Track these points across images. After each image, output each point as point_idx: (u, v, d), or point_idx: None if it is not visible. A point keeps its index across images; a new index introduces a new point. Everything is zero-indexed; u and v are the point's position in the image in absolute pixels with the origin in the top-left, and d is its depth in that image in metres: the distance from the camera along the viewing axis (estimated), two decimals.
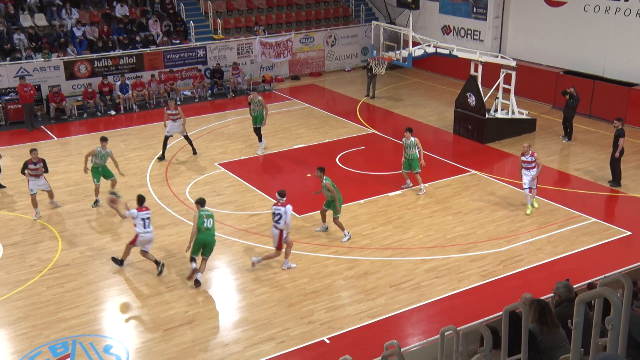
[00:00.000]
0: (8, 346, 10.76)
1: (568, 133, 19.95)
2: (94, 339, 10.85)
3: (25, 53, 23.13)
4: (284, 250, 12.90)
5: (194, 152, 19.10)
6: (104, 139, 15.94)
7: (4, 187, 17.13)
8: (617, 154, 16.28)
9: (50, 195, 15.71)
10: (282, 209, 12.52)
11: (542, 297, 8.32)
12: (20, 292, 12.23)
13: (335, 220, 14.15)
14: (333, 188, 13.95)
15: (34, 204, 15.18)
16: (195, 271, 12.36)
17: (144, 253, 12.86)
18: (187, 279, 12.56)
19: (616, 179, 16.58)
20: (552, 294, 8.86)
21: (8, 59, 22.86)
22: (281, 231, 12.64)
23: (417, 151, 16.05)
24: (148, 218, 12.65)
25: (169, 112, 18.71)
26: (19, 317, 11.45)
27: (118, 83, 23.65)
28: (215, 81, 25.59)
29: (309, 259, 13.38)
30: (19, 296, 12.08)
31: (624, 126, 16.59)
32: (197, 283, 12.34)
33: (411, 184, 16.65)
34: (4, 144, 20.21)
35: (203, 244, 12.34)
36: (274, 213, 12.64)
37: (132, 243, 12.79)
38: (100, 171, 15.88)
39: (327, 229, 14.52)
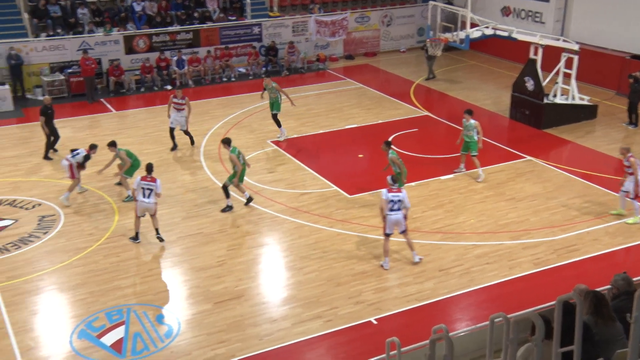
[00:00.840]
0: (68, 310, 11.18)
1: (633, 120, 19.30)
2: (147, 308, 11.17)
3: (87, 27, 23.65)
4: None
5: (192, 143, 18.17)
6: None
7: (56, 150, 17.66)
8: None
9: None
10: (400, 194, 12.10)
11: (598, 289, 8.13)
12: (79, 259, 12.65)
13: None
14: (399, 161, 14.07)
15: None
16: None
17: (138, 219, 13.03)
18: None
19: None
20: (608, 286, 8.66)
21: (72, 32, 23.42)
22: (405, 216, 12.24)
23: (475, 134, 15.78)
24: (149, 189, 12.78)
25: (174, 100, 17.63)
26: (78, 283, 11.86)
27: (175, 58, 23.99)
28: (270, 59, 25.68)
29: (359, 239, 13.40)
30: (78, 263, 12.51)
31: None
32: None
33: (464, 169, 16.43)
34: (65, 116, 20.77)
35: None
36: (392, 200, 12.03)
37: (136, 214, 13.10)
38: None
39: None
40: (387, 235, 12.29)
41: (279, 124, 18.67)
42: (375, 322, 10.83)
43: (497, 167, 16.81)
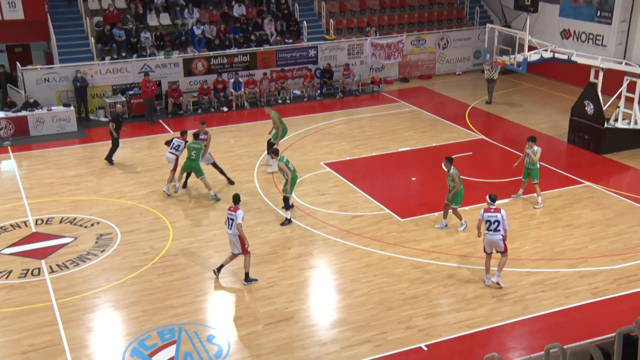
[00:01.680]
0: (121, 328, 11.43)
1: None
2: (198, 327, 11.30)
3: (149, 50, 24.41)
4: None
5: (230, 182, 17.34)
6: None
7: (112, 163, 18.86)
8: None
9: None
10: (498, 214, 11.95)
11: None
12: (133, 277, 12.94)
13: (455, 210, 14.39)
14: (458, 179, 14.17)
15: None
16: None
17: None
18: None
19: None
20: None
21: (135, 55, 24.22)
22: (503, 237, 12.09)
23: (537, 161, 15.49)
24: (232, 219, 12.23)
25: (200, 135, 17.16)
26: (132, 301, 12.12)
27: (232, 80, 24.46)
28: (325, 81, 25.89)
29: (410, 263, 13.26)
30: (133, 281, 12.79)
31: None
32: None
33: (522, 195, 16.11)
34: (125, 136, 21.39)
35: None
36: (488, 220, 11.98)
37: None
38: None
39: (446, 226, 14.61)
40: (487, 254, 12.30)
41: (273, 152, 16.05)
42: (425, 349, 10.67)
43: (554, 192, 16.42)
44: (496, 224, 11.94)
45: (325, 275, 13.18)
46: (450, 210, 14.61)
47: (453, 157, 14.67)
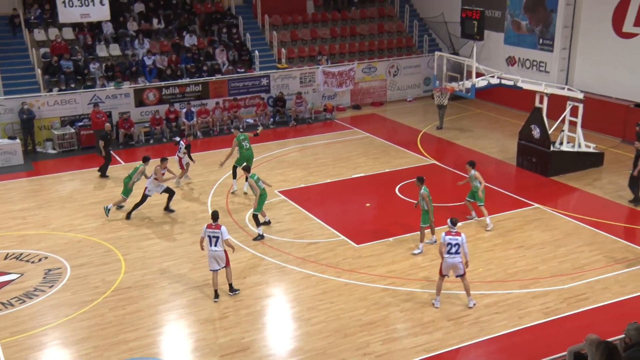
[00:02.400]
0: None
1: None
2: None
3: (99, 81, 24.13)
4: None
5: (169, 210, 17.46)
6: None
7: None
8: (635, 173, 16.90)
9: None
10: (459, 238, 12.10)
11: (610, 339, 7.99)
12: (84, 312, 12.59)
13: (421, 230, 14.75)
14: (428, 199, 14.43)
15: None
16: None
17: (214, 273, 12.83)
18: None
19: (636, 199, 17.15)
20: (620, 336, 8.50)
21: (83, 87, 23.89)
22: (466, 260, 12.30)
23: (478, 184, 15.86)
24: (216, 237, 12.59)
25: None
26: (82, 337, 11.78)
27: (184, 110, 24.33)
28: (278, 109, 26.00)
29: (366, 289, 13.28)
30: (83, 317, 12.44)
31: None
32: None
33: (475, 217, 16.41)
34: (75, 168, 21.02)
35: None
36: (449, 243, 12.07)
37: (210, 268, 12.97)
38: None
39: (422, 251, 14.74)
40: (442, 276, 12.42)
41: (245, 170, 16.60)
42: None
43: (505, 214, 16.75)
44: (456, 247, 12.10)
45: (281, 304, 13.08)
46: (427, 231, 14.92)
47: (403, 183, 14.84)
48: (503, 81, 20.18)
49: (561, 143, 19.91)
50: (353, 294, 13.11)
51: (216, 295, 12.93)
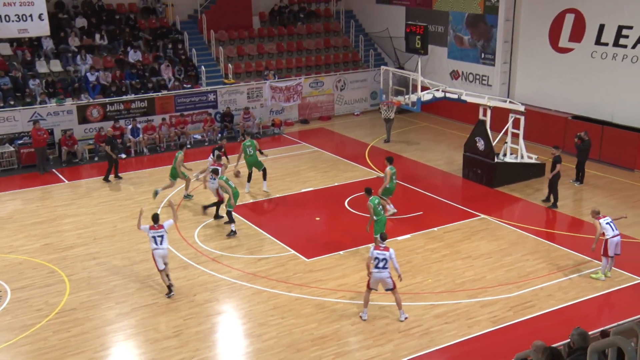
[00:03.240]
0: None
1: (580, 177, 19.97)
2: None
3: (39, 98, 23.54)
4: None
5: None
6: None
7: None
8: (550, 175, 18.10)
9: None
10: (387, 253, 12.21)
11: (555, 345, 8.22)
12: (26, 337, 12.18)
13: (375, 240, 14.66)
14: (373, 211, 14.72)
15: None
16: None
17: (161, 272, 13.51)
18: None
19: (551, 199, 18.23)
20: (564, 342, 8.76)
21: (22, 104, 23.25)
22: (394, 275, 12.43)
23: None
24: (161, 236, 13.30)
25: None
26: None
27: (130, 127, 23.96)
28: (226, 125, 25.88)
29: (317, 303, 13.30)
30: (25, 341, 12.04)
31: (561, 154, 18.19)
32: None
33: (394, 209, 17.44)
34: (15, 188, 20.42)
35: None
36: (377, 258, 12.18)
37: (157, 267, 13.54)
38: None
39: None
40: (369, 289, 12.50)
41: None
42: None
43: (452, 225, 17.06)
44: (384, 262, 12.17)
45: (232, 321, 12.97)
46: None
47: (352, 197, 15.00)
48: (448, 94, 20.64)
49: (505, 154, 20.45)
50: (304, 308, 13.10)
51: (170, 291, 13.54)
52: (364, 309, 12.64)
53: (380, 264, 12.18)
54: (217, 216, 17.64)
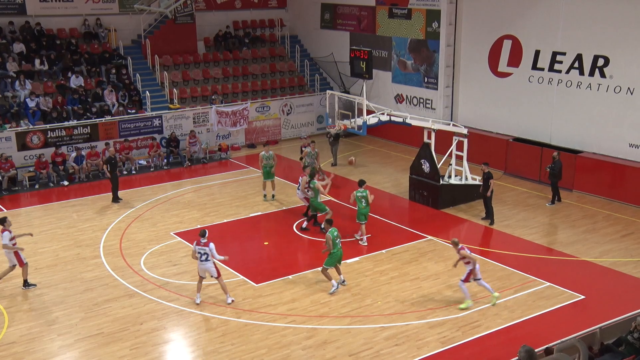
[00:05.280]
0: None
1: (556, 198, 20.53)
2: None
3: None
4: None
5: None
6: None
7: None
8: (488, 193, 18.74)
9: None
10: (207, 248, 13.84)
11: None
12: None
13: (324, 270, 14.91)
14: (331, 243, 14.69)
15: None
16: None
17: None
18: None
19: (490, 216, 18.95)
20: (513, 359, 8.94)
21: None
22: (216, 264, 14.15)
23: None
24: (205, 254, 13.92)
25: None
26: None
27: (73, 154, 23.33)
28: (172, 150, 25.63)
29: (267, 328, 13.20)
30: None
31: (489, 170, 18.95)
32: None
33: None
34: None
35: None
36: (199, 252, 13.89)
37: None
38: None
39: (343, 282, 15.11)
40: (201, 277, 14.20)
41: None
42: None
43: (400, 247, 17.25)
44: (205, 255, 13.85)
45: (180, 349, 12.73)
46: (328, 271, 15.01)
47: (299, 221, 14.91)
48: (393, 118, 20.96)
49: (450, 176, 20.87)
50: (254, 334, 12.99)
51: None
52: (197, 294, 14.26)
53: (203, 257, 13.87)
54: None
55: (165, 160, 25.37)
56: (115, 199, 21.04)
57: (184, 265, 16.22)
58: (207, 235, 14.13)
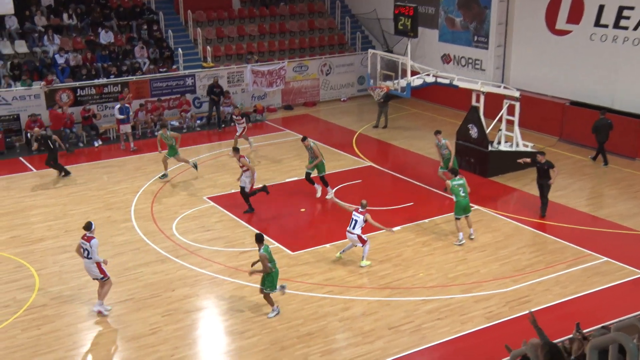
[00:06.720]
0: None
1: (599, 157, 20.59)
2: None
3: (3, 81, 23.21)
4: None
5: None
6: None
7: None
8: (551, 182, 16.93)
9: None
10: (88, 244, 12.44)
11: (555, 341, 8.27)
12: None
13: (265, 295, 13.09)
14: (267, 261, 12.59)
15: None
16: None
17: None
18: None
19: (544, 208, 17.17)
20: (562, 338, 8.83)
21: None
22: (98, 263, 12.56)
23: (449, 152, 18.38)
24: (86, 250, 12.44)
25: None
26: None
27: (117, 107, 22.73)
28: (213, 98, 25.17)
29: (302, 298, 13.30)
30: None
31: (548, 160, 17.18)
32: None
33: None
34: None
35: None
36: (83, 248, 12.49)
37: None
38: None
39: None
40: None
41: (325, 183, 18.48)
42: None
43: (444, 217, 17.10)
44: (87, 252, 12.42)
45: (213, 317, 12.93)
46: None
47: (339, 187, 14.92)
48: (439, 80, 20.62)
49: (499, 142, 20.53)
50: (289, 304, 13.09)
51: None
52: (98, 300, 12.79)
53: (85, 254, 12.49)
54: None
55: (198, 121, 25.46)
56: (56, 169, 20.19)
57: (217, 231, 16.39)
58: (93, 228, 12.75)
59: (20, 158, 21.95)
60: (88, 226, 12.72)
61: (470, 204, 15.96)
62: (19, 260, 14.93)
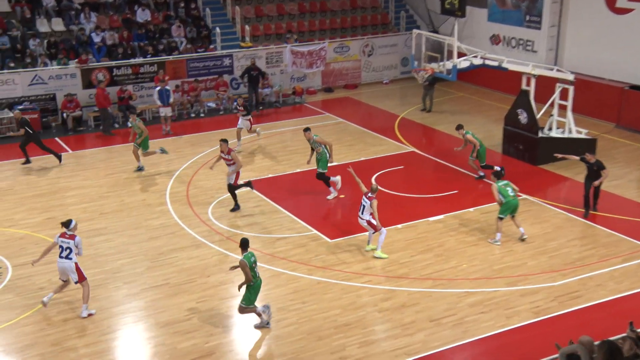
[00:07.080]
0: None
1: None
2: None
3: (40, 60, 23.66)
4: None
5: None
6: None
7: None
8: (597, 183, 16.18)
9: None
10: (72, 242, 12.21)
11: (612, 338, 8.16)
12: (28, 317, 12.40)
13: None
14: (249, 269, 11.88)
15: None
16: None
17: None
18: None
19: (587, 209, 16.41)
20: (615, 337, 8.69)
21: (22, 65, 23.40)
22: (77, 264, 12.31)
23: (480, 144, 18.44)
24: (68, 248, 12.17)
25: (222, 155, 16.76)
26: (26, 344, 11.60)
27: (157, 89, 22.97)
28: (250, 78, 24.97)
29: (341, 287, 13.33)
30: (27, 321, 12.25)
31: (598, 159, 16.45)
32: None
33: (483, 174, 18.11)
34: (15, 157, 20.50)
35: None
36: (60, 246, 12.19)
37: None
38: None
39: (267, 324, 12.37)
40: (63, 281, 12.45)
41: (327, 184, 17.67)
42: None
43: (490, 206, 16.90)
44: (68, 250, 12.09)
45: None
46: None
47: (380, 173, 14.86)
48: (487, 62, 20.34)
49: (550, 129, 20.18)
50: (327, 293, 13.14)
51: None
52: (50, 293, 12.47)
53: (64, 253, 12.13)
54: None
55: (235, 103, 25.56)
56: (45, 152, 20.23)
57: (254, 216, 16.51)
58: (72, 226, 12.35)
59: (56, 138, 22.38)
60: (68, 223, 12.34)
61: (519, 193, 15.70)
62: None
